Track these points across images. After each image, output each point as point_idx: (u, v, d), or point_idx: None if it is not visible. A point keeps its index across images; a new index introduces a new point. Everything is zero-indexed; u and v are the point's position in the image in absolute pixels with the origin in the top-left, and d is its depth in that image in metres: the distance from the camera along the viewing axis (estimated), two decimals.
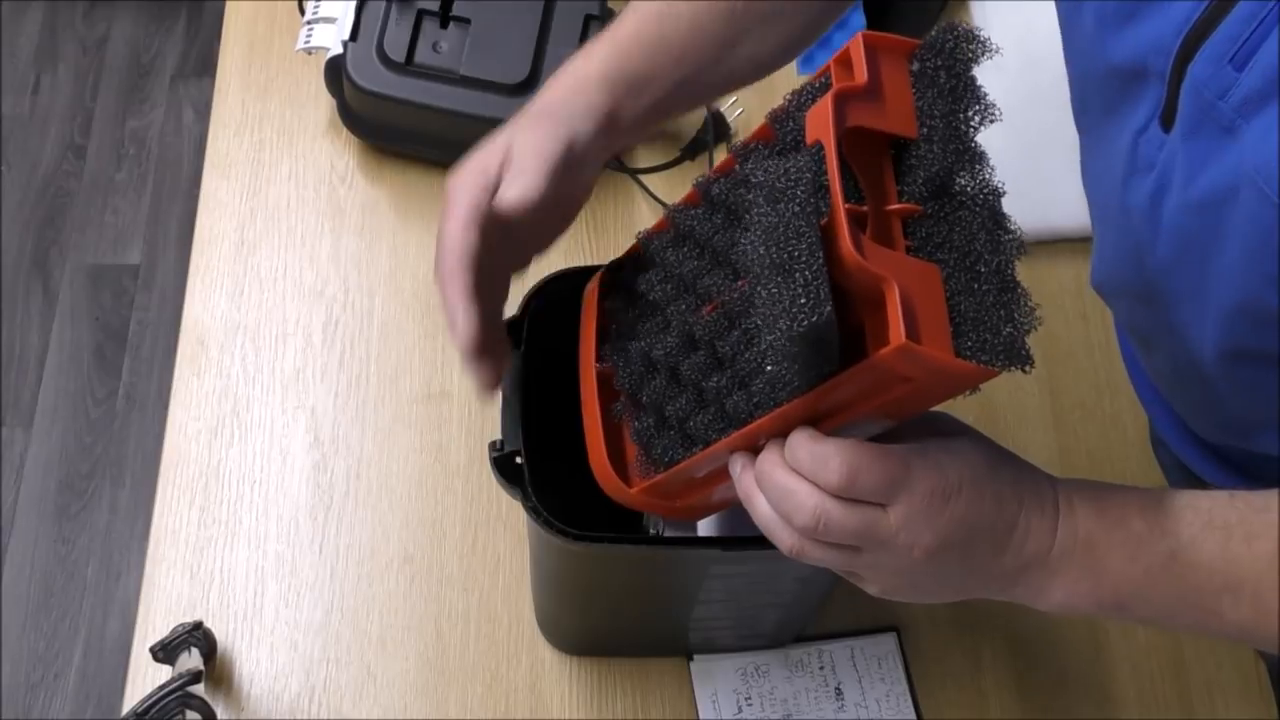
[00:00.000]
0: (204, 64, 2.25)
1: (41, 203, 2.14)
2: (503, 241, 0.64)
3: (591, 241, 1.04)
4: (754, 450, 0.57)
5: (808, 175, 0.50)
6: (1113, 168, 0.70)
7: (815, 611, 0.89)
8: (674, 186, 1.05)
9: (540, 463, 0.68)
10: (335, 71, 1.03)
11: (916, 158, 0.56)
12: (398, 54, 1.00)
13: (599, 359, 0.67)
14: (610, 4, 1.08)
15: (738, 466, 0.58)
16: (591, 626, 0.89)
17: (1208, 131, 0.58)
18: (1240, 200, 0.57)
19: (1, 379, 2.00)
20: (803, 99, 0.58)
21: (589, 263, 0.74)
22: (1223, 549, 0.56)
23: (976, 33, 0.58)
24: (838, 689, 0.90)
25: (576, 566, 0.76)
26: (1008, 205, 0.65)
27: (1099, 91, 0.71)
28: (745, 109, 1.07)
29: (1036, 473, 0.59)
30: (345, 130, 1.06)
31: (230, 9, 1.14)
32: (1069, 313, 1.03)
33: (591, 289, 0.70)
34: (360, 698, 0.89)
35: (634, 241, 0.68)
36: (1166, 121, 0.63)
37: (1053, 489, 0.58)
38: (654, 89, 0.69)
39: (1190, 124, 0.60)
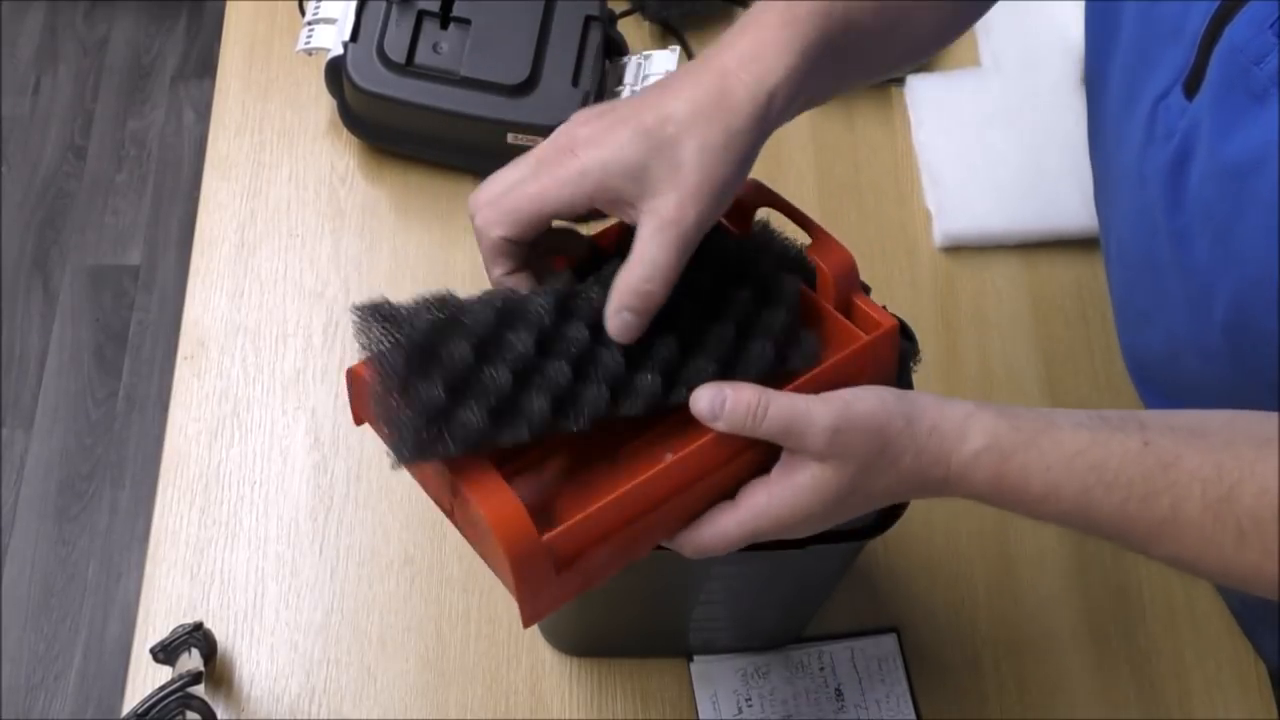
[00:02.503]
0: (204, 65, 2.26)
1: (42, 203, 2.14)
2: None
3: None
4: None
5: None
6: (1130, 135, 0.70)
7: (815, 612, 0.89)
8: None
9: None
10: (335, 72, 1.03)
11: None
12: (398, 55, 1.00)
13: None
14: (610, 4, 1.08)
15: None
16: (591, 627, 0.89)
17: (1237, 99, 0.58)
18: (1266, 171, 0.56)
19: (2, 380, 2.00)
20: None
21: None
22: (1119, 506, 0.57)
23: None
24: (838, 690, 0.90)
25: None
26: (1009, 205, 0.67)
27: (1125, 53, 0.70)
28: None
29: (929, 452, 0.58)
30: (345, 131, 1.06)
31: (230, 10, 1.14)
32: (1069, 313, 1.03)
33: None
34: (360, 698, 0.89)
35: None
36: (1190, 87, 0.63)
37: (945, 467, 0.58)
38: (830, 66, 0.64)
39: (1219, 89, 0.59)
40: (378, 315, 0.57)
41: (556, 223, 0.62)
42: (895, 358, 0.64)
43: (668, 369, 0.60)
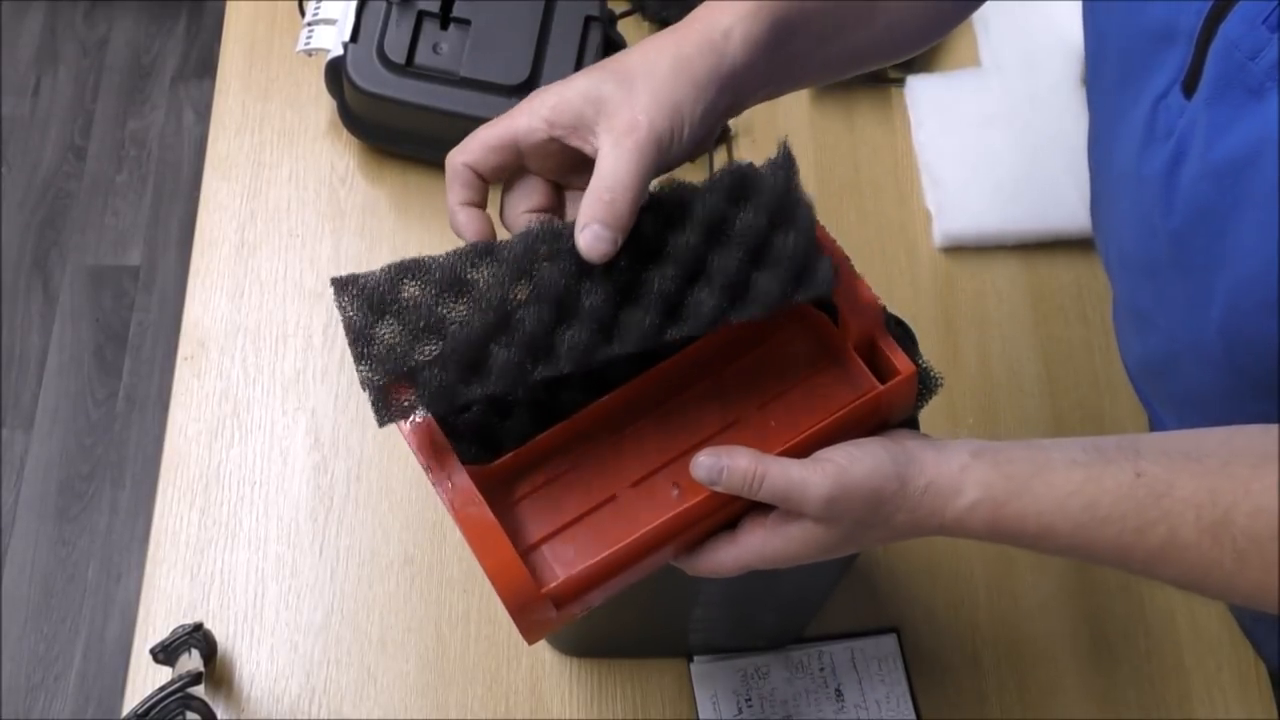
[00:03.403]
0: (204, 65, 2.25)
1: (42, 204, 2.14)
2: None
3: None
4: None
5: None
6: (1129, 137, 0.70)
7: (815, 613, 0.89)
8: None
9: None
10: (335, 73, 1.03)
11: None
12: (398, 55, 1.00)
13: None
14: (610, 4, 1.08)
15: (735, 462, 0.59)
16: (591, 628, 0.89)
17: (1234, 95, 0.58)
18: (1261, 166, 0.57)
19: (2, 380, 2.00)
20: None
21: None
22: (1115, 539, 0.58)
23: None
24: (838, 690, 0.90)
25: None
26: (1009, 205, 0.66)
27: (1120, 58, 0.70)
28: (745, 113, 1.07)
29: (923, 508, 0.59)
30: (345, 132, 1.06)
31: (230, 10, 1.14)
32: (1069, 314, 1.03)
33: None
34: (361, 699, 0.89)
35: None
36: (1189, 87, 0.63)
37: (939, 518, 0.59)
38: (795, 45, 0.66)
39: (1216, 86, 0.59)
40: (348, 283, 0.58)
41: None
42: (912, 398, 0.64)
43: (661, 302, 0.59)
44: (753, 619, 0.87)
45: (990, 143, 1.08)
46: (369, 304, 0.57)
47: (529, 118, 0.61)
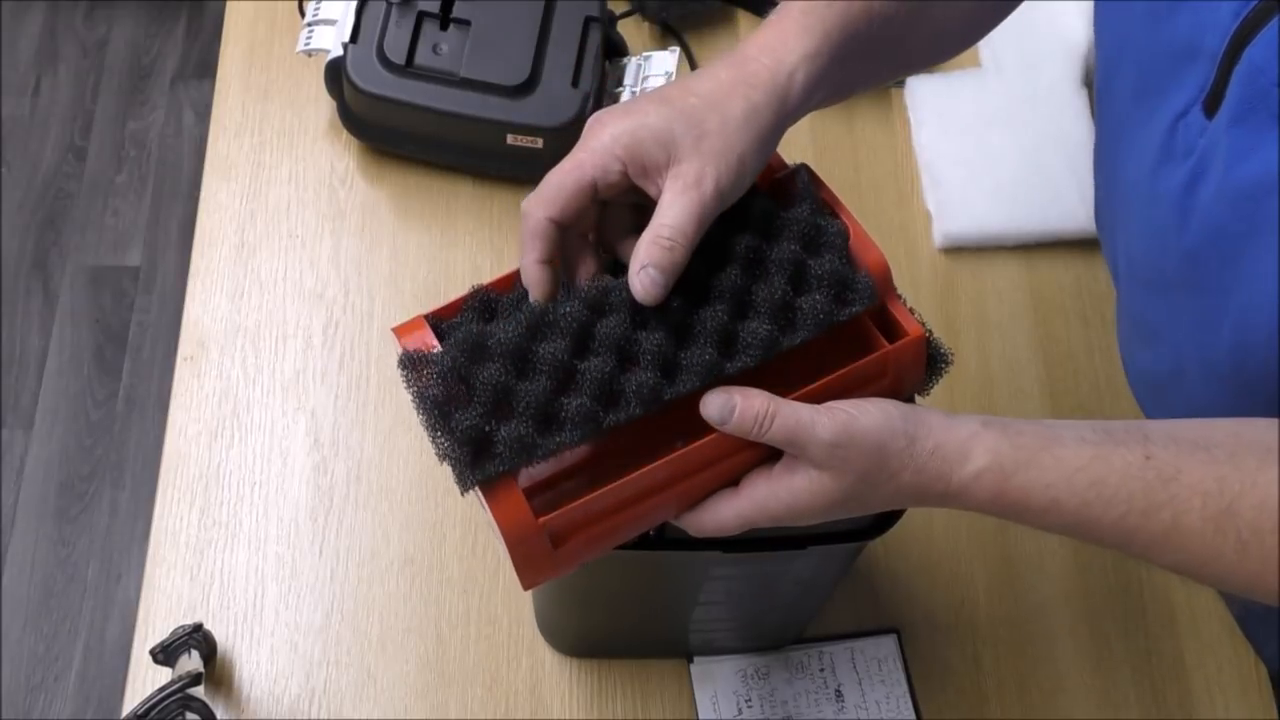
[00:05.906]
0: (204, 66, 2.25)
1: (42, 204, 2.14)
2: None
3: None
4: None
5: None
6: (1143, 151, 0.70)
7: (815, 613, 0.89)
8: None
9: None
10: (335, 73, 1.03)
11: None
12: (398, 56, 1.00)
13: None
14: (610, 5, 1.08)
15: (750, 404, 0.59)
16: (591, 629, 0.89)
17: (1257, 119, 0.58)
18: None
19: (1, 381, 2.00)
20: None
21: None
22: (1120, 520, 0.58)
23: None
24: (838, 691, 0.90)
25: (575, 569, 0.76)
26: (1009, 206, 0.66)
27: (1137, 71, 0.70)
28: None
29: (929, 470, 0.59)
30: (345, 132, 1.06)
31: (230, 11, 1.14)
32: (1069, 315, 1.03)
33: None
34: (360, 700, 0.89)
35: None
36: (1210, 106, 0.62)
37: (945, 484, 0.59)
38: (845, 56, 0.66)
39: (1239, 109, 0.59)
40: (414, 362, 0.60)
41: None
42: (922, 366, 0.64)
43: (720, 337, 0.60)
44: (753, 619, 0.87)
45: (990, 143, 1.08)
46: (443, 380, 0.59)
47: (603, 157, 0.60)
